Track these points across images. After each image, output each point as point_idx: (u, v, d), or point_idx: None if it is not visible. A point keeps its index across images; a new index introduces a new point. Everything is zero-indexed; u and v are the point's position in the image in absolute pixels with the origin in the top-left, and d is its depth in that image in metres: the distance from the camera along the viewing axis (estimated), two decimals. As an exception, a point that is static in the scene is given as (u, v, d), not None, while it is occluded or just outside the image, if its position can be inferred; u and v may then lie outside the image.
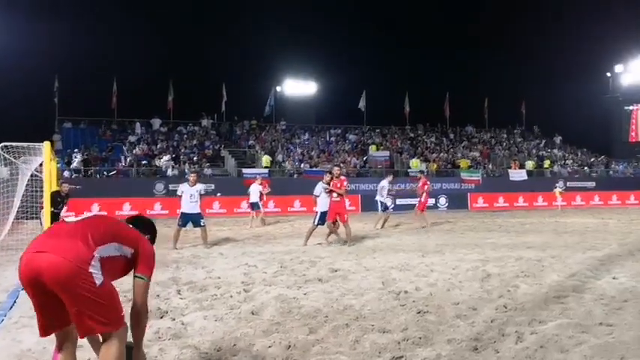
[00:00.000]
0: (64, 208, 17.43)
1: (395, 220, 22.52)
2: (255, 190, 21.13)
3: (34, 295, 3.38)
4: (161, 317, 5.99)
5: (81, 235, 3.44)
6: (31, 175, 14.48)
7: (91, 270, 3.31)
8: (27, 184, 14.48)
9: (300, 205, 30.39)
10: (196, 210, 13.34)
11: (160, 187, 29.97)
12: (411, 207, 31.45)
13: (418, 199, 20.77)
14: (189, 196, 13.30)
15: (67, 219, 3.73)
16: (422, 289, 7.33)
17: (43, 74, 36.71)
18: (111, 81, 38.34)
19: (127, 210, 27.71)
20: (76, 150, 33.23)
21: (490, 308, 6.13)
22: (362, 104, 43.03)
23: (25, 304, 6.59)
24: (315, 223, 13.58)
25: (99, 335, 3.59)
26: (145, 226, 4.29)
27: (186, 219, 13.34)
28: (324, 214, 13.55)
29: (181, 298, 6.91)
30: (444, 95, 44.73)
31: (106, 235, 3.57)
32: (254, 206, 21.10)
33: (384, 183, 20.04)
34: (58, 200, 13.97)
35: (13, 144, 12.32)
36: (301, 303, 6.50)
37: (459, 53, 47.10)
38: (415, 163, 36.82)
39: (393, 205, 21.46)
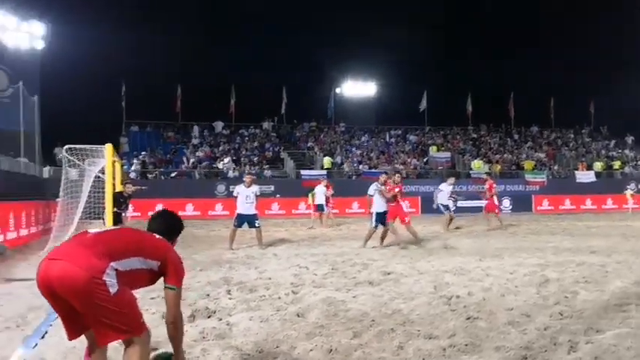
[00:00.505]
0: (128, 209, 17.98)
1: (455, 223, 22.05)
2: (320, 192, 21.19)
3: (52, 301, 3.41)
4: (208, 317, 6.03)
5: (99, 246, 3.44)
6: (96, 177, 14.97)
7: (105, 278, 3.29)
8: (92, 185, 14.97)
9: (358, 207, 30.20)
10: (252, 211, 13.46)
11: (221, 188, 30.48)
12: (473, 210, 30.84)
13: (486, 201, 20.26)
14: (245, 197, 13.43)
15: (90, 230, 3.74)
16: (475, 294, 7.10)
17: (111, 79, 38.00)
18: (175, 86, 39.32)
19: (189, 211, 28.33)
20: (143, 152, 34.30)
21: (545, 315, 5.87)
22: (423, 105, 42.43)
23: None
24: (374, 225, 13.32)
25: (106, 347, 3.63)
26: (170, 227, 4.21)
27: (242, 220, 13.47)
28: (379, 215, 13.29)
29: (230, 298, 6.95)
30: (508, 95, 43.55)
31: (127, 250, 3.55)
32: (319, 208, 21.15)
33: (444, 187, 19.58)
34: (120, 201, 14.36)
35: (77, 146, 12.79)
36: (348, 306, 6.41)
37: (523, 51, 45.68)
38: (477, 165, 36.03)
39: (454, 208, 20.95)
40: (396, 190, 13.68)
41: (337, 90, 44.07)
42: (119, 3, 41.51)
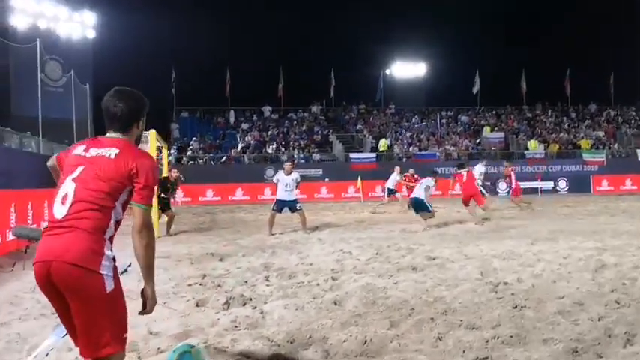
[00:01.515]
0: (177, 194, 18.12)
1: (508, 205, 21.41)
2: (393, 179, 20.85)
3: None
4: (243, 304, 5.87)
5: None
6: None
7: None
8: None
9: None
10: (292, 197, 13.30)
11: (270, 172, 30.47)
12: (527, 191, 29.93)
13: (508, 187, 18.92)
14: (285, 185, 13.30)
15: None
16: (524, 280, 6.72)
17: (161, 66, 38.49)
18: (224, 71, 39.49)
19: (239, 195, 28.54)
20: (193, 138, 34.71)
21: (599, 304, 5.45)
22: (476, 87, 41.28)
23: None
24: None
25: None
26: (133, 108, 3.13)
27: (282, 205, 13.35)
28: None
29: (267, 285, 6.78)
30: (564, 71, 41.87)
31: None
32: (390, 192, 20.72)
33: (480, 168, 19.06)
34: (167, 187, 14.40)
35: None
36: (388, 293, 6.15)
37: (580, 25, 43.72)
38: (533, 145, 34.90)
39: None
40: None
41: (387, 71, 43.42)
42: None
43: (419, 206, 13.74)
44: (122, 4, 36.79)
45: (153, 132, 12.62)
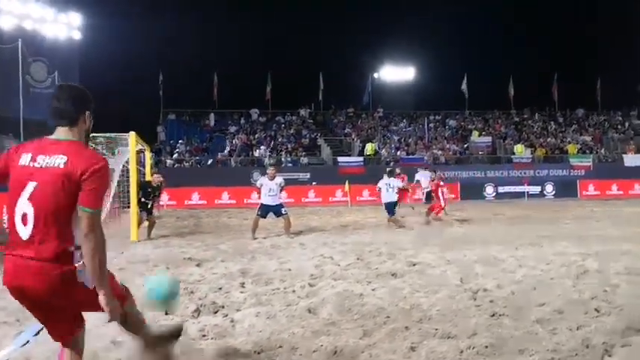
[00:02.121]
0: (160, 198, 17.89)
1: (495, 209, 21.44)
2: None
3: None
4: (215, 312, 5.68)
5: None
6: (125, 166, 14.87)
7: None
8: (121, 175, 14.85)
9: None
10: (276, 202, 13.15)
11: (257, 176, 30.29)
12: (514, 195, 29.98)
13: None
14: (269, 189, 13.12)
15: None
16: (504, 287, 6.58)
17: (148, 68, 38.19)
18: (212, 74, 39.27)
19: (225, 199, 28.30)
20: (180, 141, 34.45)
21: (579, 312, 5.32)
22: (463, 89, 41.34)
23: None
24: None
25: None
26: (76, 101, 3.09)
27: (266, 210, 13.17)
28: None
29: (242, 292, 6.59)
30: (551, 76, 42.00)
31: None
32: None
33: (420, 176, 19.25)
34: (148, 191, 14.18)
35: (100, 135, 12.66)
36: (365, 300, 5.98)
37: (568, 31, 43.88)
38: (520, 149, 34.91)
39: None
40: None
41: (375, 75, 43.36)
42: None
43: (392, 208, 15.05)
44: (109, 6, 36.57)
45: (133, 134, 12.42)
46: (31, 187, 2.86)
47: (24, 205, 2.86)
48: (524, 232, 13.03)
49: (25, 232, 2.87)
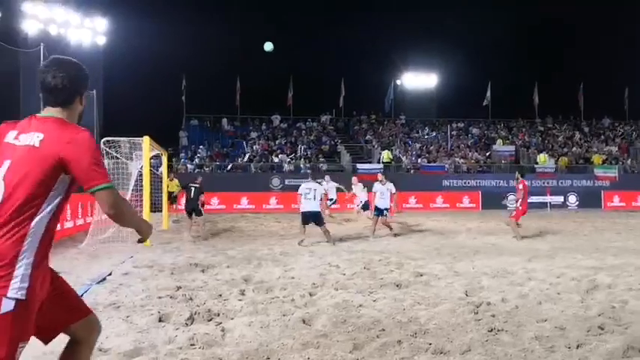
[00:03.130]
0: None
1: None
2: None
3: None
4: (209, 320, 5.60)
5: None
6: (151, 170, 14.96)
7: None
8: (137, 178, 14.91)
9: (416, 202, 29.40)
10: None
11: (276, 182, 30.34)
12: (536, 205, 29.45)
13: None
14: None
15: None
16: (509, 300, 6.40)
17: (171, 74, 38.49)
18: (234, 79, 39.43)
19: (244, 204, 28.36)
20: (201, 146, 34.66)
21: (581, 329, 5.12)
22: (487, 98, 40.85)
23: (89, 300, 6.54)
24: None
25: None
26: (73, 81, 2.77)
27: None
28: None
29: (239, 300, 6.51)
30: (577, 85, 41.32)
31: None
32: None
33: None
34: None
35: (115, 139, 12.72)
36: (362, 312, 5.86)
37: (596, 39, 43.16)
38: (543, 159, 34.36)
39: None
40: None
41: (397, 81, 43.10)
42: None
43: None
44: (134, 11, 36.90)
45: (146, 138, 12.47)
46: (5, 165, 2.58)
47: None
48: (540, 244, 12.78)
49: None
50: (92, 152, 2.60)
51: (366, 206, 18.86)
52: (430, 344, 4.70)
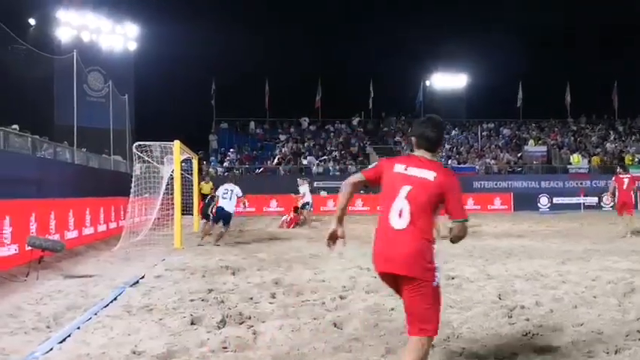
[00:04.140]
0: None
1: (547, 221, 20.81)
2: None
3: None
4: (240, 323, 5.62)
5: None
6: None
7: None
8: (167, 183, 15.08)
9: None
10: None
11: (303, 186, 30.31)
12: (570, 207, 28.98)
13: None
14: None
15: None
16: (543, 304, 6.29)
17: (201, 78, 38.89)
18: (263, 83, 39.66)
19: (273, 207, 28.49)
20: (231, 149, 34.93)
21: (620, 334, 5.01)
22: (519, 98, 40.33)
23: (122, 302, 6.64)
24: None
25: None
26: (439, 136, 3.95)
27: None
28: None
29: (270, 303, 6.52)
30: (611, 84, 40.49)
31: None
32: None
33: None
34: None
35: (146, 143, 12.88)
36: (393, 316, 5.81)
37: (629, 36, 42.18)
38: (576, 159, 33.85)
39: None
40: None
41: (426, 82, 42.85)
42: (207, 2, 42.29)
43: None
44: (164, 16, 37.38)
45: (177, 142, 12.59)
46: (405, 190, 3.64)
47: (401, 203, 3.63)
48: (574, 246, 12.54)
49: (400, 223, 3.62)
50: (459, 191, 3.73)
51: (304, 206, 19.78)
52: (464, 349, 4.65)
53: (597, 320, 5.52)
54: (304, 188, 20.23)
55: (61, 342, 4.98)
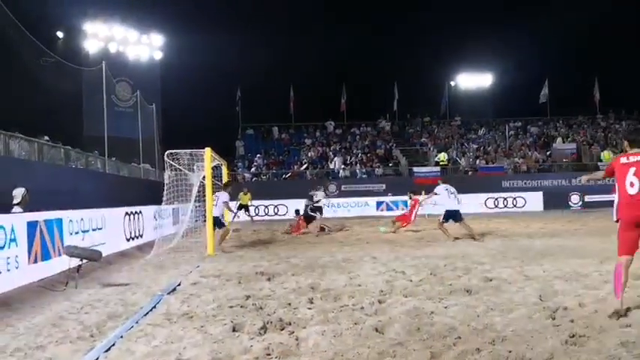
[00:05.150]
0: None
1: (580, 220, 20.52)
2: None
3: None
4: (281, 329, 5.62)
5: None
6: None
7: None
8: (200, 189, 15.19)
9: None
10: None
11: (332, 188, 30.35)
12: (603, 204, 28.46)
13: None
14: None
15: None
16: (586, 305, 6.18)
17: (226, 85, 39.26)
18: (288, 88, 39.83)
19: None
20: (257, 155, 35.11)
21: (670, 334, 4.89)
22: (544, 96, 39.85)
23: (162, 310, 6.68)
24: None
25: None
26: None
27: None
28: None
29: (309, 308, 6.51)
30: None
31: None
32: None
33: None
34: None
35: (178, 151, 12.99)
36: (435, 319, 5.76)
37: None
38: (607, 155, 33.21)
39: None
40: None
41: (451, 83, 42.60)
42: (231, 10, 42.61)
43: None
44: (188, 25, 37.79)
45: (208, 149, 12.68)
46: (632, 170, 5.67)
47: (632, 177, 5.64)
48: (610, 245, 12.26)
49: (632, 190, 5.64)
50: None
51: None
52: (510, 351, 4.58)
53: (645, 321, 5.40)
54: (320, 195, 20.13)
55: (106, 351, 5.03)
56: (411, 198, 18.36)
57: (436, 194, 15.15)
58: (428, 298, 6.92)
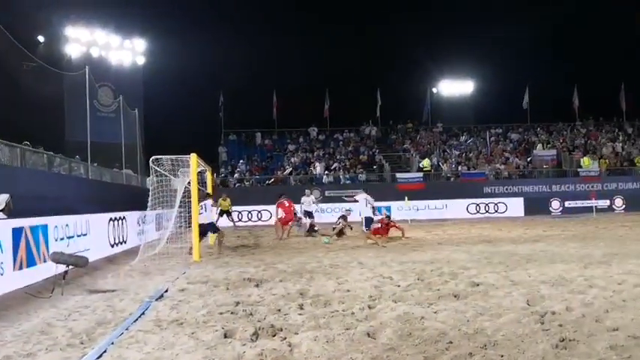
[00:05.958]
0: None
1: (560, 225, 20.75)
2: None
3: None
4: (273, 335, 5.62)
5: None
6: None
7: None
8: (184, 195, 15.11)
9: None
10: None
11: (316, 193, 30.33)
12: (582, 210, 28.83)
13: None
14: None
15: None
16: (574, 309, 6.28)
17: (209, 90, 39.15)
18: (271, 93, 39.83)
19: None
20: (241, 161, 35.00)
21: (657, 338, 4.99)
22: (525, 101, 40.38)
23: (151, 317, 6.65)
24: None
25: None
26: None
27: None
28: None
29: (300, 314, 6.52)
30: (618, 85, 40.40)
31: None
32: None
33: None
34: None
35: (163, 157, 12.92)
36: (426, 324, 5.81)
37: (636, 37, 42.02)
38: (587, 162, 33.68)
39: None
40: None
41: (433, 89, 42.91)
42: (214, 15, 42.55)
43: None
44: (171, 30, 37.58)
45: (194, 155, 12.64)
46: None
47: None
48: (592, 250, 12.48)
49: None
50: None
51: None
52: (502, 356, 4.64)
53: (631, 325, 5.51)
54: (309, 200, 20.32)
55: (98, 358, 5.00)
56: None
57: (356, 201, 17.04)
58: (417, 303, 6.97)
